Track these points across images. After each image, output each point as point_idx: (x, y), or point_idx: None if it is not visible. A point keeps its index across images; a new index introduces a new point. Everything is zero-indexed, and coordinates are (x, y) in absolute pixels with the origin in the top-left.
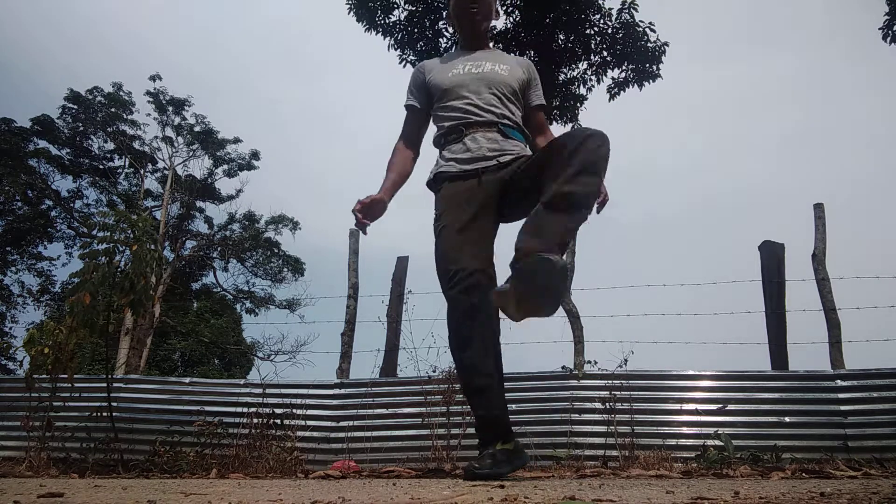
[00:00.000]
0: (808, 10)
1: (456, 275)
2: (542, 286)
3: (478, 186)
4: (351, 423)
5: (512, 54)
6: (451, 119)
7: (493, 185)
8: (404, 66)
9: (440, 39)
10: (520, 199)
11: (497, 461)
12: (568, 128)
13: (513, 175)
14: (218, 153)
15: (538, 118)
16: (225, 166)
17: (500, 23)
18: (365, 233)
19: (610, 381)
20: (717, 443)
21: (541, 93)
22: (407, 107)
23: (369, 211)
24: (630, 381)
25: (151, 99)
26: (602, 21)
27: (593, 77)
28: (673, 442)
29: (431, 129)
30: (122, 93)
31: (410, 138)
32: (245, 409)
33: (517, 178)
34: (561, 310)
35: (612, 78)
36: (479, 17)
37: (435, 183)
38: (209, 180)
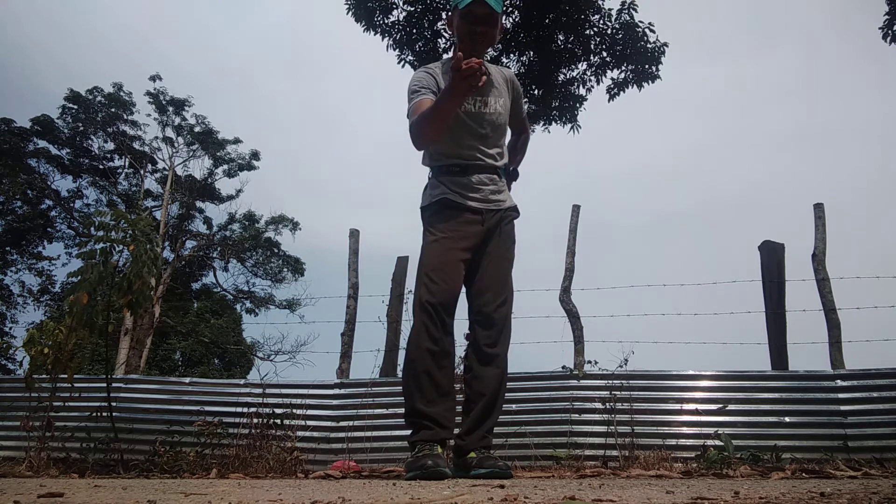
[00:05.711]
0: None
1: (434, 284)
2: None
3: (481, 225)
4: (351, 423)
5: (498, 66)
6: (455, 156)
7: (487, 230)
8: (403, 66)
9: (439, 40)
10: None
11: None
12: (567, 128)
13: (490, 232)
14: (218, 153)
15: (522, 123)
16: (225, 166)
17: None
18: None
19: (610, 381)
20: (717, 443)
21: (524, 104)
22: (421, 98)
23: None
24: (630, 381)
25: (151, 99)
26: (602, 21)
27: (593, 78)
28: (673, 442)
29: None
30: (122, 93)
31: None
32: (245, 409)
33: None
34: (561, 310)
35: (612, 79)
36: (481, 45)
37: (437, 206)
38: (209, 180)
